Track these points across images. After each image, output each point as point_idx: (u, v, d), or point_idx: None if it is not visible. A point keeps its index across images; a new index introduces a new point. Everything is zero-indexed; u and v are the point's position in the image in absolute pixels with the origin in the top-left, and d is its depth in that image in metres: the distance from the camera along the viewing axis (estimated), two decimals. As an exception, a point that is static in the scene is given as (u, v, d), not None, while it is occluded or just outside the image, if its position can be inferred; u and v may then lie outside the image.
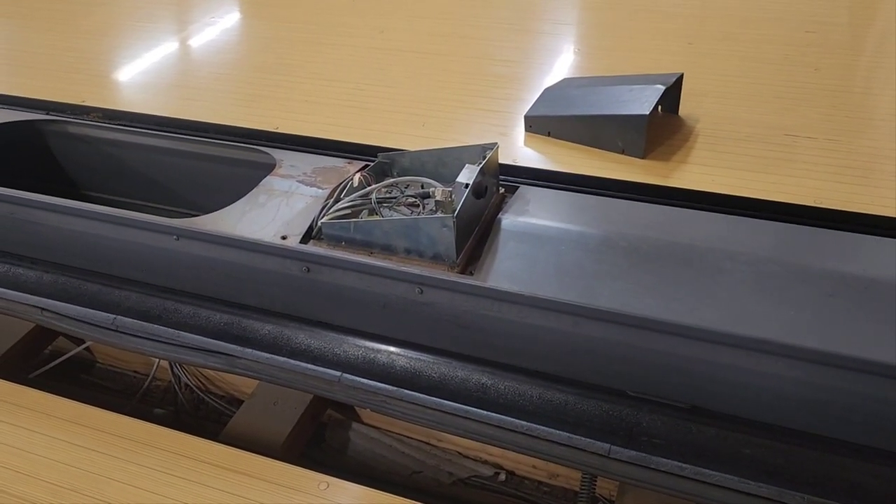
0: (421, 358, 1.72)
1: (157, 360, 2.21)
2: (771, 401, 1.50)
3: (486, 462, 1.93)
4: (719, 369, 1.52)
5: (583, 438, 1.49)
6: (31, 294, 2.00)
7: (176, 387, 2.17)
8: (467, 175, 1.71)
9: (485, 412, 1.53)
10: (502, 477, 1.91)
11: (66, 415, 1.72)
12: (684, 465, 1.42)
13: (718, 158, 2.31)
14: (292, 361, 1.61)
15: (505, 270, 1.66)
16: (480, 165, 1.75)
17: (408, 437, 1.99)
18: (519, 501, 1.86)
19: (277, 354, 1.79)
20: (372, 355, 1.75)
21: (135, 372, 2.39)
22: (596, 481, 1.65)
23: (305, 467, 1.62)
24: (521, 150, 2.43)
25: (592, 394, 1.63)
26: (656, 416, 1.57)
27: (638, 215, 1.77)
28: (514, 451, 1.56)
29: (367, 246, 1.75)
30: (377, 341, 1.76)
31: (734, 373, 1.50)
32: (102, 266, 2.06)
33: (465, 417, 1.52)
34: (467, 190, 1.68)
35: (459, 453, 1.95)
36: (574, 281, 1.61)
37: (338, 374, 1.58)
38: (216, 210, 1.91)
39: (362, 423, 2.04)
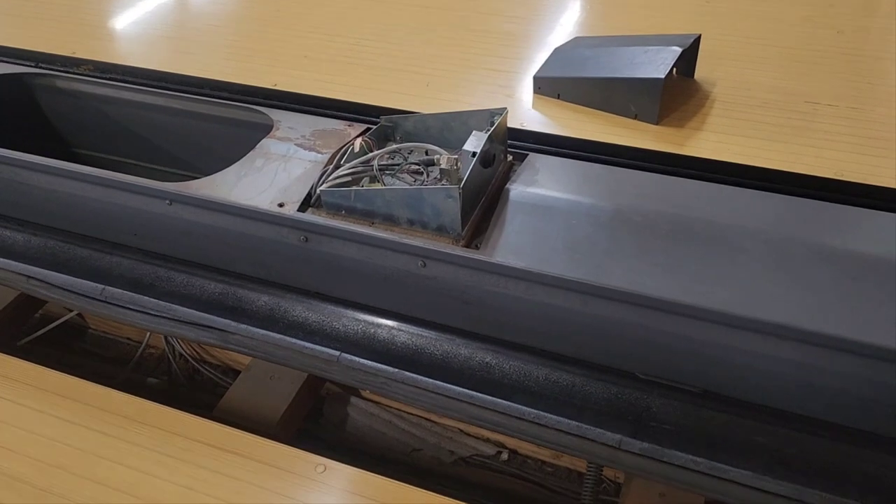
0: (422, 334, 1.65)
1: (150, 328, 2.14)
2: (787, 388, 1.43)
3: (488, 440, 1.88)
4: (734, 353, 1.45)
5: (592, 428, 1.42)
6: (19, 259, 1.92)
7: (170, 356, 2.10)
8: (474, 143, 1.62)
9: (490, 398, 1.46)
10: (505, 456, 1.86)
11: (54, 387, 1.66)
12: (698, 459, 1.36)
13: (735, 126, 2.21)
14: (289, 339, 1.54)
15: (512, 244, 1.58)
16: (488, 133, 1.65)
17: (408, 413, 1.94)
18: (522, 482, 1.82)
19: (273, 328, 1.72)
20: (372, 330, 1.68)
21: (128, 339, 2.33)
22: (602, 467, 1.60)
23: (302, 445, 1.57)
24: (529, 113, 2.33)
25: (600, 375, 1.57)
26: (666, 400, 1.51)
27: (653, 188, 1.68)
28: (519, 438, 1.50)
29: (368, 216, 1.66)
30: (377, 315, 1.69)
31: (749, 358, 1.44)
32: (93, 230, 1.98)
33: (469, 403, 1.46)
34: (474, 159, 1.59)
35: (461, 430, 1.90)
36: (584, 257, 1.53)
37: (336, 353, 1.51)
38: (210, 171, 1.83)
39: (361, 398, 1.98)
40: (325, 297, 1.75)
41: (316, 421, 1.94)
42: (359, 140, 1.74)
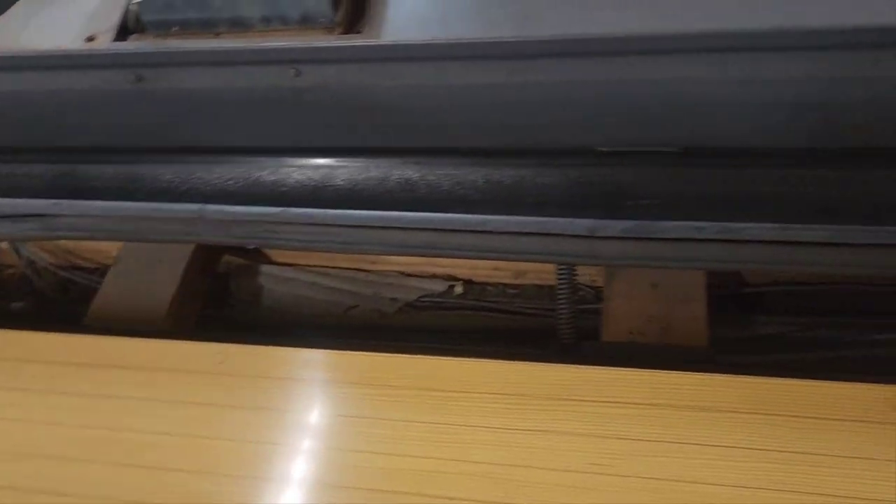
0: (317, 164, 1.27)
1: (-3, 244, 1.72)
2: (795, 117, 1.10)
3: (435, 276, 1.56)
4: (722, 88, 1.11)
5: (556, 220, 1.09)
6: None
7: (30, 272, 1.70)
8: None
9: (413, 214, 1.11)
10: (459, 289, 1.55)
11: None
12: (702, 225, 1.03)
13: None
14: (129, 204, 1.16)
15: (406, 15, 1.17)
16: None
17: (333, 269, 1.59)
18: (484, 313, 1.52)
19: (134, 200, 1.32)
20: (255, 174, 1.29)
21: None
22: (575, 270, 1.29)
23: (204, 337, 1.23)
24: None
25: (553, 160, 1.22)
26: (640, 169, 1.18)
27: None
28: (470, 257, 1.18)
29: (208, 25, 1.23)
30: (255, 155, 1.30)
31: (743, 89, 1.09)
32: None
33: (389, 227, 1.10)
34: None
35: (401, 273, 1.57)
36: (502, 10, 1.14)
37: (196, 206, 1.13)
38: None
39: (274, 263, 1.62)
40: (186, 151, 1.34)
41: (225, 302, 1.59)
42: (171, -74, 1.27)
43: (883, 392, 0.93)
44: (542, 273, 1.50)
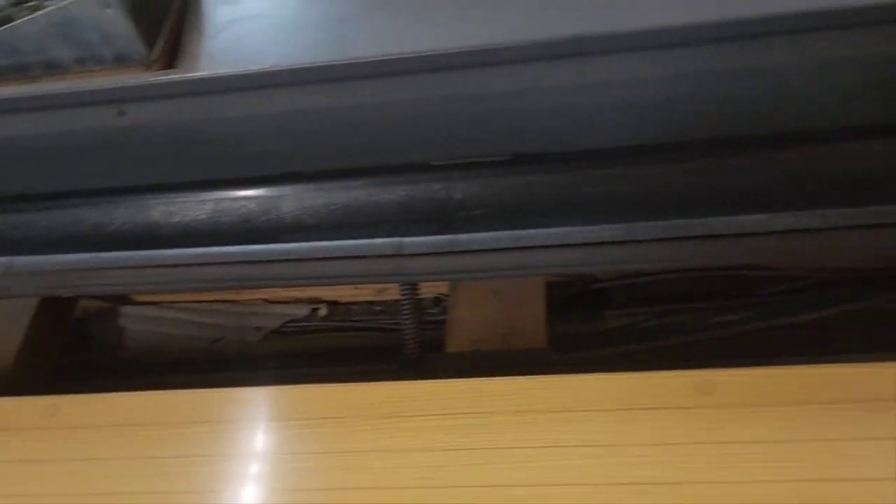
0: (153, 203, 1.25)
1: None
2: (618, 119, 1.13)
3: (299, 301, 1.56)
4: (542, 96, 1.13)
5: (362, 242, 1.10)
6: None
7: None
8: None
9: (225, 249, 1.10)
10: (323, 311, 1.55)
11: None
12: (500, 235, 1.06)
13: None
14: None
15: (222, 48, 1.17)
16: None
17: (197, 302, 1.57)
18: (349, 333, 1.52)
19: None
20: (87, 218, 1.26)
21: None
22: (418, 287, 1.31)
23: (59, 389, 1.19)
24: None
25: (388, 178, 1.23)
26: (471, 181, 1.20)
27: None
28: (288, 286, 1.18)
29: (22, 70, 1.21)
30: (88, 198, 1.27)
31: (562, 95, 1.12)
32: None
33: (203, 263, 1.09)
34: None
35: (265, 300, 1.56)
36: (316, 35, 1.15)
37: (4, 259, 1.10)
38: None
39: (135, 303, 1.59)
40: (16, 199, 1.31)
41: (85, 348, 1.55)
42: (-26, -28, 1.24)
43: (689, 378, 0.97)
44: (402, 287, 1.50)
